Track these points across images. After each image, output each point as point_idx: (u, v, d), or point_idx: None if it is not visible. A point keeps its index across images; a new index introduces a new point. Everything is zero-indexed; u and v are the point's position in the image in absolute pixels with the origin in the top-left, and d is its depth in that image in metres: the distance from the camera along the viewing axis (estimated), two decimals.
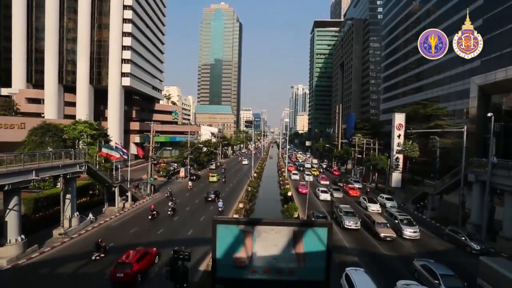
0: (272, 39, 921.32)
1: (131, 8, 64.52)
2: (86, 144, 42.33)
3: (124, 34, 64.42)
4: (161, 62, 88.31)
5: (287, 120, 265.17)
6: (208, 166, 67.76)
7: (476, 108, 40.91)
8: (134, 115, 77.38)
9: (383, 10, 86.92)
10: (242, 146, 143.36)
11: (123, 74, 64.69)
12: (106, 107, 65.76)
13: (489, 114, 24.94)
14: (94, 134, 43.98)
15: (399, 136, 49.51)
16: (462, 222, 27.61)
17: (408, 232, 24.72)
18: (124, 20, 64.22)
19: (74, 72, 63.18)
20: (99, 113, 67.04)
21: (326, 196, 38.70)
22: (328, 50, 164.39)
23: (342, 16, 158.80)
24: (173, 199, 32.68)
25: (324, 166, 78.76)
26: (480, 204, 25.66)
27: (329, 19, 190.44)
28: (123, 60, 64.53)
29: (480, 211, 25.67)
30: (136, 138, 72.70)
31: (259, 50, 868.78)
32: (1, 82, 61.30)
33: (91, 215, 26.33)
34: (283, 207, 32.94)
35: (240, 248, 11.14)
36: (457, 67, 47.88)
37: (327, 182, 51.44)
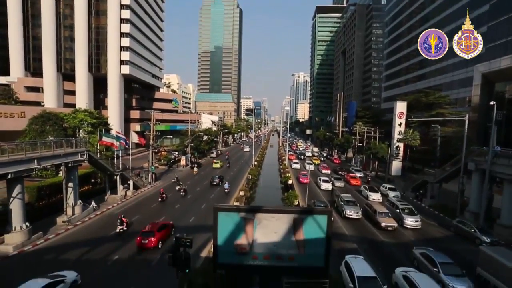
0: (273, 25, 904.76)
1: None
2: (86, 133, 42.36)
3: (122, 20, 63.18)
4: (160, 50, 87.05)
5: (287, 108, 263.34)
6: (208, 155, 68.03)
7: (478, 97, 40.49)
8: (134, 104, 77.00)
9: None
10: (242, 134, 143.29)
11: (122, 62, 63.92)
12: (106, 96, 65.34)
13: (491, 103, 24.69)
14: (94, 123, 43.95)
15: (400, 124, 49.34)
16: (460, 210, 27.90)
17: (409, 221, 24.63)
18: (122, 6, 62.83)
19: (72, 60, 62.42)
20: (99, 101, 66.70)
21: (327, 186, 38.31)
22: (330, 37, 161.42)
23: (345, 2, 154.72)
24: (180, 184, 35.47)
25: (325, 155, 78.84)
26: (479, 192, 25.83)
27: (331, 5, 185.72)
28: (122, 48, 63.59)
29: (478, 199, 25.88)
30: (136, 127, 72.66)
31: (260, 37, 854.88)
32: None
33: (93, 203, 26.67)
34: (283, 195, 33.24)
35: (241, 235, 11.34)
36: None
37: (329, 171, 50.82)
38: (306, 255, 11.37)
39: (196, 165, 50.99)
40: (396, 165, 49.85)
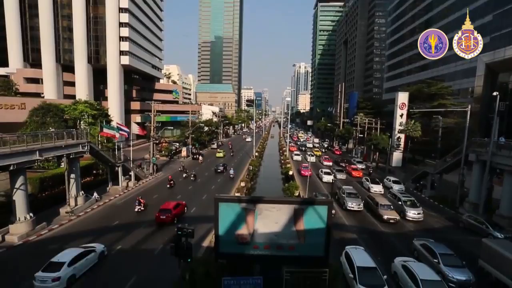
0: (274, 15, 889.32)
1: None
2: (87, 124, 42.36)
3: (121, 10, 62.13)
4: (160, 40, 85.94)
5: (288, 99, 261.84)
6: (209, 146, 68.16)
7: (481, 87, 40.12)
8: (134, 95, 76.63)
9: None
10: (243, 125, 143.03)
11: (122, 53, 63.21)
12: (106, 87, 64.92)
13: (494, 93, 24.48)
14: (95, 114, 43.87)
15: (401, 115, 49.08)
16: (460, 201, 28.05)
17: (412, 214, 24.38)
18: None
19: (71, 51, 61.75)
20: (99, 92, 66.36)
21: (329, 178, 36.97)
22: (331, 27, 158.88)
23: None
24: (187, 172, 38.29)
25: (326, 146, 78.84)
26: (479, 183, 25.87)
27: None
28: (121, 38, 62.78)
29: (478, 190, 25.96)
30: (137, 118, 72.50)
31: (261, 27, 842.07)
32: None
33: (95, 194, 26.92)
34: (284, 186, 33.39)
35: (242, 225, 11.45)
36: None
37: (330, 163, 49.95)
38: (307, 245, 11.50)
39: (201, 155, 52.31)
40: (396, 156, 49.87)
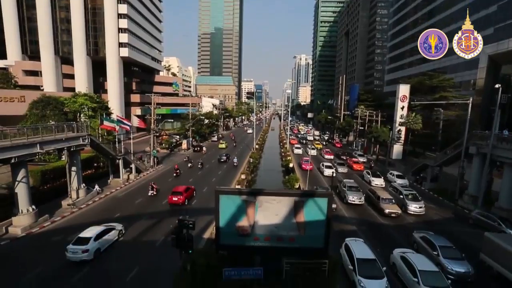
0: (275, 6, 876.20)
1: None
2: (87, 117, 42.29)
3: (119, 0, 61.23)
4: (159, 32, 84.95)
5: (289, 91, 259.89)
6: (210, 138, 68.14)
7: (484, 79, 39.80)
8: (134, 87, 76.17)
9: None
10: (244, 118, 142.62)
11: (121, 45, 62.56)
12: (105, 79, 64.50)
13: (496, 85, 24.27)
14: (95, 107, 43.75)
15: (402, 108, 48.84)
16: (459, 193, 28.17)
17: (413, 207, 24.22)
18: None
19: (69, 43, 61.09)
20: (99, 85, 65.96)
21: (330, 172, 34.62)
22: (333, 18, 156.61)
23: None
24: (191, 161, 40.66)
25: (326, 138, 78.72)
26: (479, 176, 25.92)
27: None
28: (120, 30, 62.04)
29: (478, 183, 26.02)
30: (137, 111, 72.30)
31: (261, 18, 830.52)
32: None
33: (97, 187, 27.07)
34: (284, 178, 33.50)
35: (243, 217, 11.53)
36: None
37: (332, 157, 49.33)
38: (307, 237, 11.61)
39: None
40: (397, 149, 49.87)
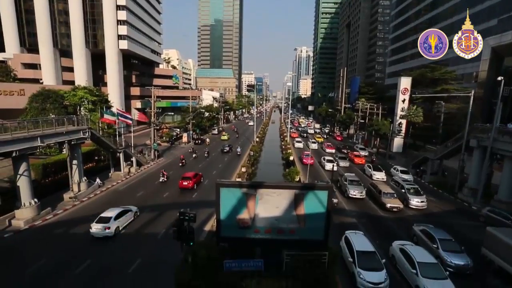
0: None
1: None
2: (87, 111, 42.21)
3: None
4: (158, 24, 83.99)
5: (289, 84, 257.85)
6: (210, 131, 68.07)
7: (486, 72, 39.45)
8: (134, 80, 75.75)
9: None
10: (244, 111, 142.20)
11: (120, 37, 61.94)
12: (105, 72, 64.10)
13: (499, 78, 24.09)
14: (95, 100, 43.61)
15: (403, 100, 48.57)
16: (459, 186, 28.28)
17: (415, 202, 24.02)
18: None
19: (68, 35, 60.50)
20: (98, 78, 65.60)
21: (332, 166, 34.22)
22: (334, 9, 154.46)
23: None
24: (196, 152, 42.91)
25: (326, 131, 78.55)
26: (479, 169, 25.97)
27: None
28: (119, 22, 61.32)
29: (478, 176, 26.08)
30: (137, 104, 72.08)
31: (262, 9, 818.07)
32: None
33: (98, 180, 27.21)
34: (284, 171, 33.60)
35: (243, 210, 11.62)
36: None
37: (333, 151, 48.50)
38: (307, 229, 11.72)
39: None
40: (397, 141, 49.82)
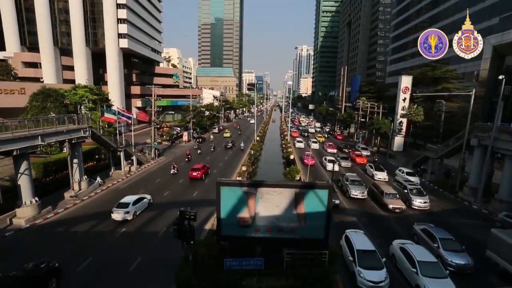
0: None
1: None
2: (88, 109, 42.23)
3: None
4: (159, 22, 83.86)
5: (290, 83, 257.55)
6: (211, 130, 68.05)
7: (487, 71, 39.35)
8: (134, 79, 75.73)
9: None
10: (244, 110, 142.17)
11: (120, 35, 61.92)
12: (105, 71, 64.10)
13: (500, 77, 24.00)
14: (95, 99, 43.61)
15: (404, 99, 48.50)
16: (460, 185, 28.25)
17: (418, 202, 23.72)
18: None
19: (69, 34, 60.48)
20: (99, 77, 65.62)
21: (333, 166, 33.49)
22: (335, 7, 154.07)
23: None
24: (201, 148, 45.49)
25: (327, 130, 78.43)
26: (480, 168, 25.92)
27: None
28: (119, 20, 61.28)
29: (478, 175, 26.04)
30: (138, 103, 72.10)
31: (262, 8, 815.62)
32: None
33: (99, 179, 27.23)
34: (285, 170, 33.58)
35: (244, 209, 11.65)
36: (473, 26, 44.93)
37: (335, 151, 47.91)
38: (307, 228, 11.74)
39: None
40: (398, 140, 49.79)
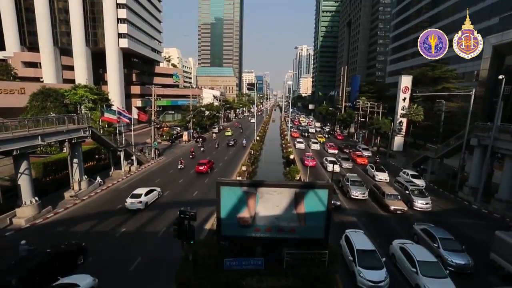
0: None
1: None
2: (88, 109, 42.22)
3: None
4: (159, 22, 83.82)
5: (290, 82, 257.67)
6: (211, 130, 68.04)
7: (487, 70, 39.33)
8: (134, 79, 75.71)
9: None
10: (244, 109, 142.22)
11: (120, 35, 61.89)
12: (105, 71, 64.08)
13: (500, 76, 24.00)
14: (95, 99, 43.60)
15: (404, 99, 48.49)
16: (459, 185, 28.26)
17: (420, 203, 23.46)
18: None
19: (68, 34, 60.44)
20: (99, 76, 65.59)
21: (335, 168, 31.67)
22: (335, 7, 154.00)
23: None
24: (204, 146, 47.04)
25: (327, 130, 78.42)
26: (480, 168, 25.92)
27: None
28: (119, 20, 61.26)
29: (478, 175, 26.05)
30: (138, 102, 72.09)
31: (262, 7, 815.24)
32: None
33: (99, 178, 27.24)
34: (285, 170, 33.58)
35: (244, 209, 11.66)
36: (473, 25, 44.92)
37: (336, 151, 47.13)
38: (307, 228, 11.76)
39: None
40: (398, 140, 49.80)
